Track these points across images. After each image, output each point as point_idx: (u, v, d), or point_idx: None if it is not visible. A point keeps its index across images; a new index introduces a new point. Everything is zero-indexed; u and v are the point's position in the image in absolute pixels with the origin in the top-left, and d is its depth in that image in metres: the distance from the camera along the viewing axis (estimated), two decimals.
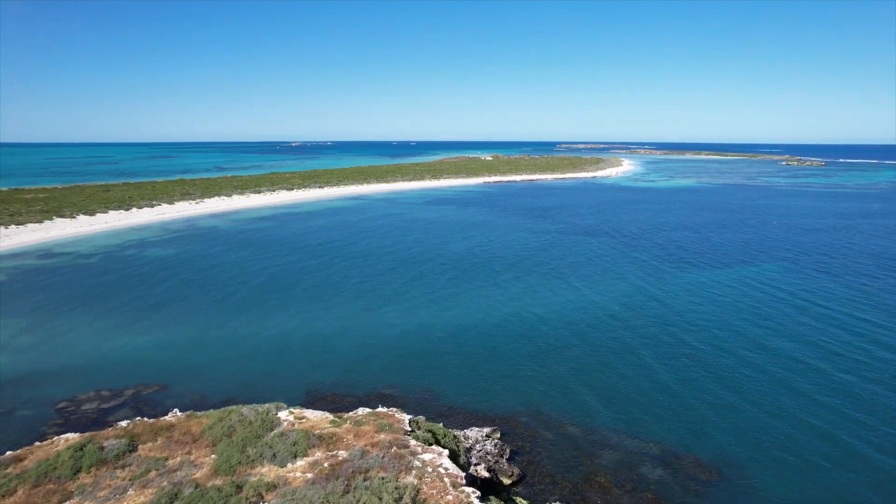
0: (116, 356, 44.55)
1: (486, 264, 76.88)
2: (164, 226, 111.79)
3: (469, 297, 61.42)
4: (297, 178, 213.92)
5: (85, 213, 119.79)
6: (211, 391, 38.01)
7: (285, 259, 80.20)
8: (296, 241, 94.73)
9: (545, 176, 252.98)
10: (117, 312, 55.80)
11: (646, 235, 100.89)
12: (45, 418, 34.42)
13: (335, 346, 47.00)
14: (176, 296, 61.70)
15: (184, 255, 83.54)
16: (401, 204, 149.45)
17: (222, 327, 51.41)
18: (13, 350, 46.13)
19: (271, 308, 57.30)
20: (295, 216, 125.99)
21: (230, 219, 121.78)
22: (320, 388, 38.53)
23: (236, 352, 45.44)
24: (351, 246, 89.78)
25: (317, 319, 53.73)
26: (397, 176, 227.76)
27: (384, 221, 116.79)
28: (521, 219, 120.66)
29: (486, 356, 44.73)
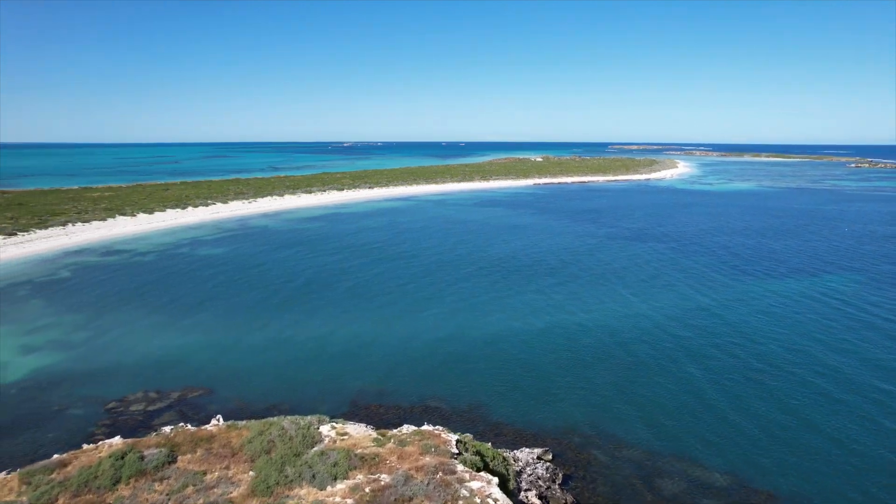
0: (165, 356, 44.83)
1: (534, 268, 74.65)
2: (217, 225, 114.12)
3: (515, 302, 59.48)
4: (347, 178, 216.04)
5: (144, 211, 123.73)
6: (254, 397, 37.54)
7: (332, 259, 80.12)
8: (343, 241, 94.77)
9: (597, 178, 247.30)
10: (168, 311, 56.54)
11: (701, 241, 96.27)
12: (95, 418, 34.62)
13: (380, 350, 45.99)
14: (224, 295, 62.18)
15: (234, 254, 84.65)
16: (449, 205, 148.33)
17: (267, 328, 51.24)
18: (72, 346, 47.15)
19: (316, 309, 56.92)
20: (344, 216, 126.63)
21: (281, 218, 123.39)
22: (364, 398, 37.47)
23: (281, 355, 45.02)
24: (398, 247, 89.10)
25: (361, 322, 52.94)
26: (446, 177, 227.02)
27: (432, 223, 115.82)
28: (571, 222, 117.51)
29: (532, 368, 42.77)
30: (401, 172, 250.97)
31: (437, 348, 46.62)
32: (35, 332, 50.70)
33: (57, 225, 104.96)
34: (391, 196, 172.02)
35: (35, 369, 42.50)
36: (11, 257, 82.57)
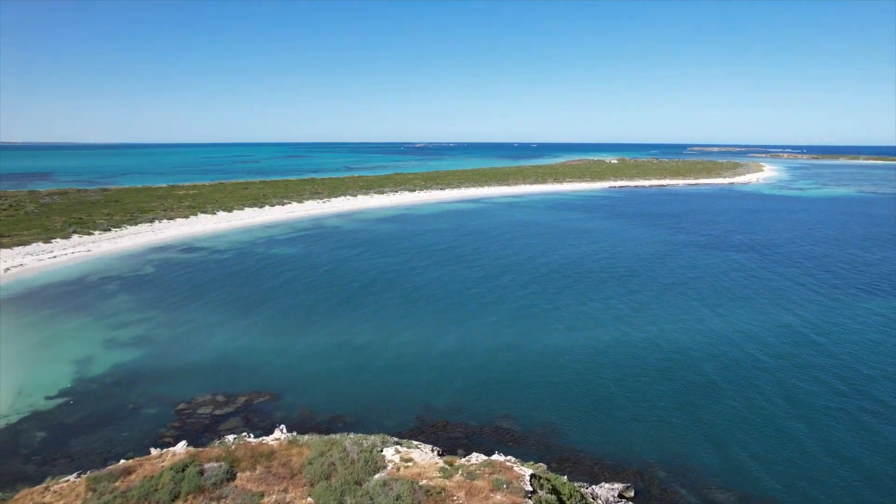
0: (235, 357, 45.09)
1: (616, 279, 70.85)
2: (292, 224, 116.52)
3: (597, 315, 56.29)
4: (419, 179, 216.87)
5: (224, 209, 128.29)
6: (319, 405, 36.76)
7: (400, 261, 79.43)
8: (414, 243, 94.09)
9: (676, 181, 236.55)
10: (240, 310, 57.30)
11: (790, 252, 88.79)
12: (165, 419, 34.84)
13: (449, 362, 44.33)
14: (294, 296, 62.52)
15: (306, 253, 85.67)
16: (522, 208, 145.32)
17: (334, 332, 50.75)
18: (151, 342, 48.41)
19: (383, 313, 56.06)
20: (415, 218, 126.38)
21: (353, 218, 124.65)
22: (431, 414, 35.85)
23: (347, 361, 44.24)
24: (470, 251, 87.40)
25: (432, 330, 51.53)
26: (518, 179, 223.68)
27: (502, 226, 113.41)
28: (649, 228, 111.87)
29: (614, 390, 39.79)
30: (472, 174, 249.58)
31: (513, 364, 44.46)
32: (119, 327, 52.51)
33: (145, 222, 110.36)
34: (462, 198, 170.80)
35: (116, 364, 43.72)
36: (105, 252, 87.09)
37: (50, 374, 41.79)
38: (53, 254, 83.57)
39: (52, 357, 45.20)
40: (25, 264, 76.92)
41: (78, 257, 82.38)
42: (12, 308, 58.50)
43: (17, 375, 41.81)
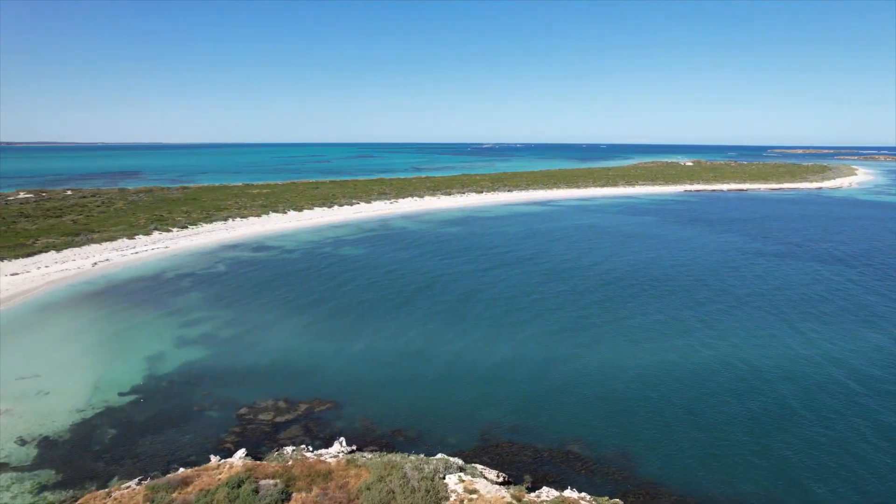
0: (299, 361, 44.83)
1: (691, 290, 66.47)
2: (359, 224, 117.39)
3: (666, 330, 52.65)
4: (486, 180, 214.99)
5: (295, 208, 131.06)
6: (379, 417, 35.62)
7: (465, 266, 77.81)
8: (479, 246, 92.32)
9: (757, 185, 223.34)
10: (305, 312, 57.38)
11: (893, 267, 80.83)
12: (227, 424, 34.68)
13: (510, 373, 42.28)
14: (359, 299, 62.11)
15: (372, 255, 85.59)
16: (592, 212, 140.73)
17: (396, 339, 49.70)
18: (218, 342, 49.05)
19: (448, 322, 54.56)
20: (482, 220, 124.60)
21: (420, 220, 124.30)
22: (495, 432, 33.95)
23: (409, 371, 43.00)
24: (536, 255, 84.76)
25: (491, 338, 49.59)
26: (588, 181, 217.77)
27: (572, 231, 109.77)
28: (732, 235, 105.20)
29: (686, 417, 36.41)
30: (540, 175, 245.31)
31: (566, 373, 42.04)
32: (189, 324, 53.65)
33: (220, 220, 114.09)
34: (529, 200, 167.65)
35: (185, 363, 44.38)
36: (181, 249, 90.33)
37: (124, 370, 42.86)
38: (136, 249, 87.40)
39: (128, 352, 46.47)
40: (111, 259, 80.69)
41: (157, 253, 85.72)
42: (95, 301, 61.09)
43: (95, 369, 43.14)
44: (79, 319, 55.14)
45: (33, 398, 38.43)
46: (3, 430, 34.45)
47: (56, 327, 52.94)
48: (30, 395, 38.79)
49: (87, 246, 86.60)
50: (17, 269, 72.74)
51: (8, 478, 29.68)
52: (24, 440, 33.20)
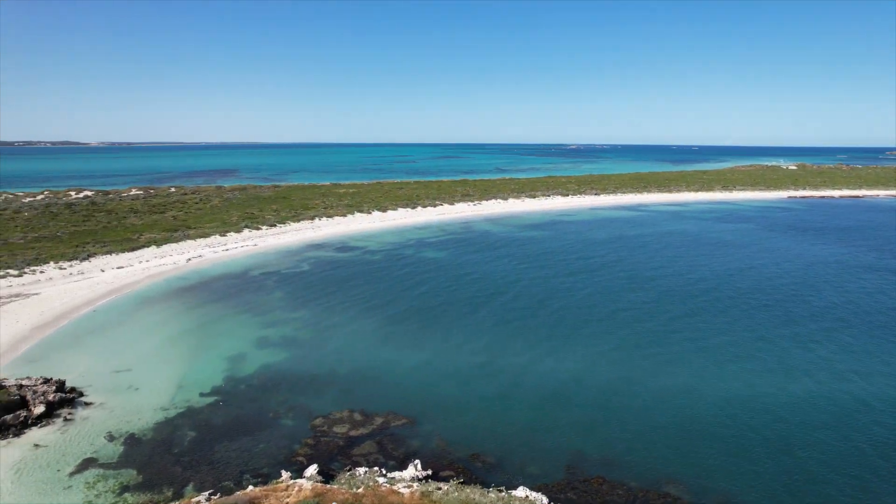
0: (377, 370, 43.77)
1: (789, 307, 59.78)
2: (442, 226, 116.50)
3: (758, 352, 47.17)
4: (572, 182, 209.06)
5: (379, 209, 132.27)
6: (457, 437, 33.63)
7: (550, 275, 74.51)
8: (566, 253, 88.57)
9: (875, 192, 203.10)
10: (385, 318, 56.55)
11: None
12: (301, 434, 33.93)
13: (602, 400, 38.98)
14: (439, 306, 60.59)
15: (454, 259, 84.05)
16: (686, 218, 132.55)
17: (477, 352, 47.56)
18: (298, 345, 49.03)
19: (530, 334, 51.77)
20: (568, 225, 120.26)
21: (504, 223, 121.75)
22: (583, 465, 31.01)
23: (489, 387, 40.75)
24: (629, 265, 79.97)
25: (580, 357, 46.33)
26: (681, 185, 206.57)
27: (665, 238, 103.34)
28: (844, 248, 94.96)
29: (782, 458, 31.84)
30: (629, 178, 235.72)
31: (667, 402, 38.17)
32: (271, 325, 54.17)
33: (306, 219, 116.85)
34: (618, 204, 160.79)
35: (264, 365, 44.50)
36: (269, 247, 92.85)
37: (207, 369, 43.50)
38: (227, 246, 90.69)
39: (212, 351, 47.32)
40: (203, 256, 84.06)
41: (246, 251, 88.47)
42: (187, 297, 63.32)
43: (181, 366, 44.12)
44: (171, 315, 57.14)
45: (124, 392, 39.59)
46: (96, 423, 35.52)
47: (150, 321, 55.06)
48: (121, 390, 40.01)
49: (184, 242, 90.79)
50: (122, 263, 77.14)
51: (94, 475, 30.25)
52: (113, 436, 33.97)
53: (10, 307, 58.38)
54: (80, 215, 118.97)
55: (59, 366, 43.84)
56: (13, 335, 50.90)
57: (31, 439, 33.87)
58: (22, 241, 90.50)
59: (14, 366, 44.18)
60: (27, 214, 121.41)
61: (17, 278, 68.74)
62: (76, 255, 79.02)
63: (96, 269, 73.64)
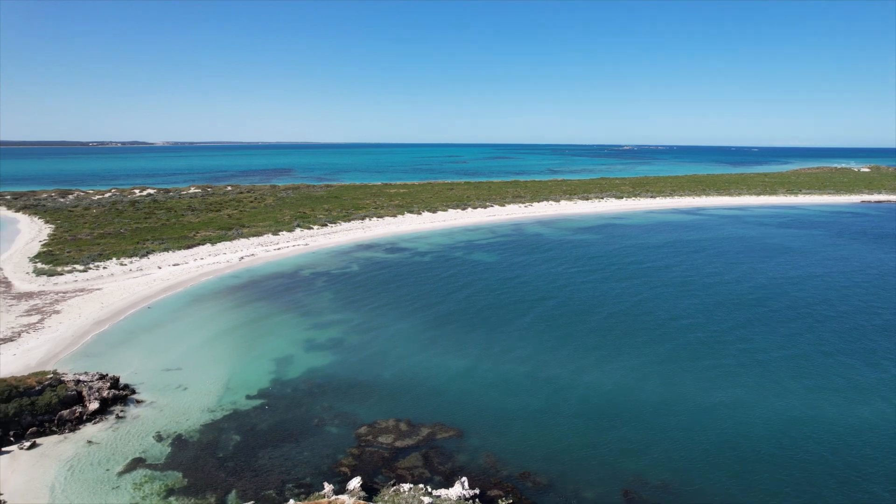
0: (423, 378, 42.73)
1: (859, 321, 55.22)
2: (492, 228, 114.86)
3: (823, 369, 43.45)
4: (626, 185, 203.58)
5: (429, 209, 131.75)
6: (506, 455, 32.12)
7: (603, 281, 71.81)
8: (619, 258, 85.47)
9: None
10: (433, 323, 55.53)
11: None
12: (345, 444, 33.16)
13: (658, 418, 36.62)
14: (487, 311, 59.10)
15: (504, 263, 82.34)
16: (748, 223, 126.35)
17: (525, 361, 45.84)
18: (345, 349, 48.56)
19: (581, 344, 49.64)
20: (622, 229, 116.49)
21: (555, 226, 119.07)
22: (641, 490, 28.96)
23: (538, 400, 39.03)
24: (684, 272, 76.36)
25: (634, 370, 43.95)
26: (742, 188, 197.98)
27: (725, 244, 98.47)
28: None
29: (851, 487, 28.83)
30: (686, 181, 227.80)
31: (723, 422, 35.54)
32: (319, 327, 53.98)
33: (357, 218, 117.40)
34: (675, 207, 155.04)
35: (310, 369, 44.16)
36: (320, 246, 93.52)
37: (254, 371, 43.49)
38: (278, 245, 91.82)
39: (260, 352, 47.39)
40: (255, 254, 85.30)
41: (297, 250, 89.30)
42: (238, 296, 64.05)
43: (229, 367, 44.27)
44: (222, 313, 57.80)
45: (173, 392, 39.91)
46: (146, 422, 35.82)
47: (201, 319, 55.81)
48: (171, 389, 40.38)
49: (237, 240, 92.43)
50: (178, 260, 79.04)
51: (141, 475, 30.32)
52: (161, 436, 34.12)
53: (74, 301, 60.42)
54: (143, 212, 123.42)
55: (114, 361, 44.76)
56: (75, 329, 52.50)
57: (84, 435, 34.41)
58: (89, 238, 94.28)
59: (73, 359, 45.39)
60: (95, 211, 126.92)
61: (83, 273, 71.31)
62: (136, 251, 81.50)
63: (154, 265, 75.68)
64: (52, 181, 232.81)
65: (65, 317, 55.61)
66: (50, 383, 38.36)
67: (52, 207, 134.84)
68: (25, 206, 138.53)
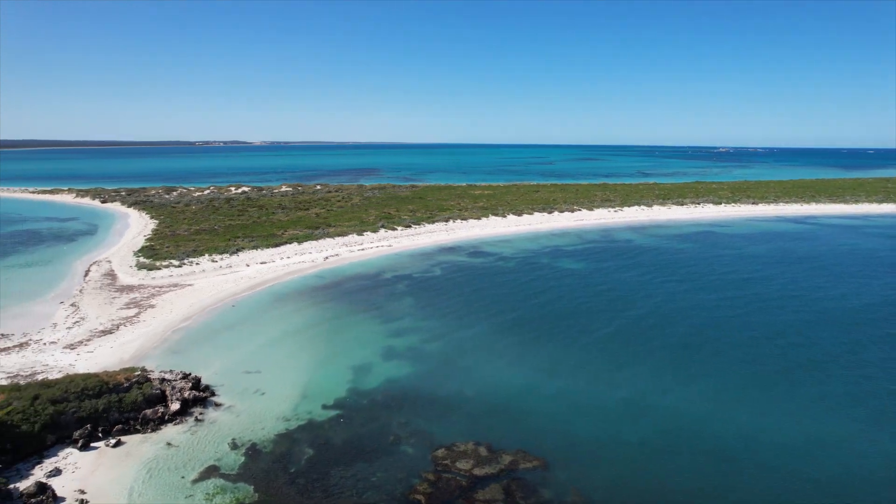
0: (505, 396, 40.05)
1: None
2: (580, 234, 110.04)
3: None
4: (724, 189, 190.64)
5: (514, 212, 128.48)
6: (597, 494, 28.84)
7: (703, 295, 65.88)
8: (724, 271, 78.56)
9: None
10: (518, 336, 52.68)
11: None
12: (421, 466, 31.08)
13: (785, 468, 31.86)
14: (576, 325, 55.42)
15: (593, 272, 77.92)
16: (868, 234, 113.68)
17: (620, 384, 41.99)
18: (424, 359, 46.74)
19: (686, 369, 45.03)
20: (722, 238, 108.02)
21: (647, 233, 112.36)
22: None
23: (635, 432, 35.23)
24: (797, 288, 68.80)
25: (750, 406, 39.00)
26: (859, 194, 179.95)
27: (843, 257, 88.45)
28: None
29: None
30: (792, 186, 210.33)
31: (871, 480, 30.27)
32: (399, 334, 52.52)
33: (441, 220, 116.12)
34: (780, 215, 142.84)
35: (388, 379, 42.63)
36: (403, 248, 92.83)
37: (332, 378, 42.48)
38: (363, 246, 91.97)
39: (338, 358, 46.46)
40: (340, 254, 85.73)
41: (381, 251, 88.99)
42: (321, 296, 64.02)
43: (307, 372, 43.56)
44: (303, 314, 57.73)
45: (251, 397, 39.52)
46: (222, 428, 35.44)
47: (283, 320, 55.92)
48: (249, 393, 40.04)
49: (323, 240, 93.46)
50: (266, 258, 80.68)
51: (214, 485, 29.64)
52: (236, 444, 33.51)
53: (168, 297, 62.56)
54: (236, 210, 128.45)
55: (198, 360, 45.25)
56: (166, 325, 54.03)
57: (164, 437, 34.45)
58: (186, 234, 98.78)
59: (161, 355, 46.39)
60: (194, 208, 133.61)
61: (178, 269, 74.16)
62: (227, 248, 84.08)
63: (242, 263, 77.57)
64: (162, 178, 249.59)
65: (158, 311, 57.49)
66: (137, 381, 39.06)
67: (157, 203, 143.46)
68: (136, 201, 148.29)
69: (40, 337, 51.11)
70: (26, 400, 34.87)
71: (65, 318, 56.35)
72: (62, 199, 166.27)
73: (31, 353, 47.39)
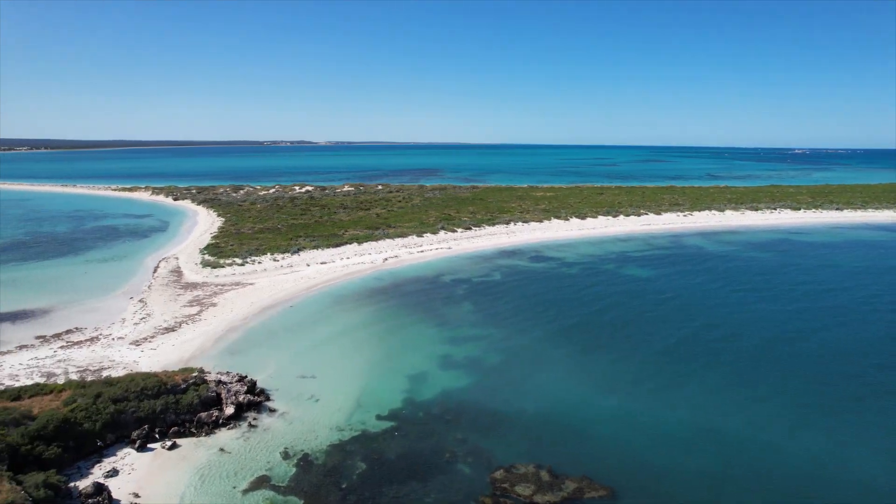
0: (570, 415, 37.61)
1: None
2: (647, 239, 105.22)
3: None
4: (803, 194, 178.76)
5: (577, 216, 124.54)
6: None
7: (785, 308, 60.82)
8: (805, 282, 72.72)
9: None
10: (584, 347, 49.98)
11: None
12: (477, 489, 29.22)
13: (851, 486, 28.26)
14: (646, 338, 52.07)
15: (661, 279, 73.76)
16: None
17: (693, 407, 38.67)
18: (484, 370, 44.91)
19: (761, 389, 41.24)
20: (801, 246, 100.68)
21: (720, 239, 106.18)
22: None
23: (709, 461, 32.09)
24: (881, 303, 62.58)
25: (835, 433, 35.06)
26: None
27: None
28: None
29: None
30: (882, 190, 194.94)
31: None
32: (457, 342, 50.87)
33: (501, 222, 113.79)
34: (869, 222, 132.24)
35: (445, 391, 41.00)
36: (462, 251, 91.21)
37: (387, 387, 41.27)
38: (422, 248, 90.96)
39: (395, 365, 45.27)
40: (399, 256, 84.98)
41: (440, 254, 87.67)
42: (379, 299, 63.20)
43: (362, 380, 42.55)
44: (361, 317, 57.00)
45: (305, 403, 38.77)
46: (275, 435, 34.74)
47: (340, 323, 55.32)
48: (303, 399, 39.32)
49: (382, 241, 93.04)
50: (326, 259, 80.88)
51: (263, 497, 28.81)
52: (288, 453, 32.67)
53: (229, 296, 63.32)
54: (300, 209, 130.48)
55: (254, 362, 45.07)
56: (226, 324, 54.46)
57: (218, 442, 34.07)
58: (251, 232, 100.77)
59: (219, 356, 46.53)
60: (259, 207, 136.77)
61: (240, 267, 75.32)
62: (289, 247, 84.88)
63: (302, 263, 77.98)
64: (230, 177, 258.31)
65: (219, 310, 58.13)
66: (194, 382, 39.03)
67: (225, 202, 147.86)
68: (205, 199, 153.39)
69: (110, 332, 52.53)
70: (90, 398, 35.32)
71: (133, 313, 57.84)
72: (139, 196, 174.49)
73: (100, 347, 48.65)
